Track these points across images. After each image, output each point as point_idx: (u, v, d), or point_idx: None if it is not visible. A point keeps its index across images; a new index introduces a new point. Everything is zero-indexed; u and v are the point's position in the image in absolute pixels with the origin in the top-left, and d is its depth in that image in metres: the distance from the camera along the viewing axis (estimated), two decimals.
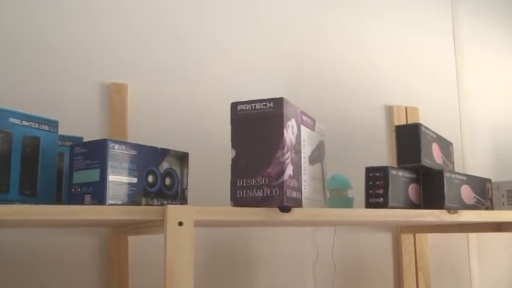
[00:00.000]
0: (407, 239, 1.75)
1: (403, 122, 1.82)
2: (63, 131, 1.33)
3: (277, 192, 0.99)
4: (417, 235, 1.77)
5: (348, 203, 1.37)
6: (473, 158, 1.95)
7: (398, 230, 1.76)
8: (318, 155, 1.19)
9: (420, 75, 1.92)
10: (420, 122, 1.82)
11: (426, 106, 1.90)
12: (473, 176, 1.35)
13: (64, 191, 1.13)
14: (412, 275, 1.74)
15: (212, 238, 1.53)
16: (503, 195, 1.60)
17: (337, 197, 1.38)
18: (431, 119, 1.90)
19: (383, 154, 1.79)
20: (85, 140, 1.15)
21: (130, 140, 1.45)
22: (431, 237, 1.82)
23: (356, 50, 1.82)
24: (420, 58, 1.93)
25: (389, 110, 1.84)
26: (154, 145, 1.10)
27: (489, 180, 1.42)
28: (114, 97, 1.47)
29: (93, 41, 1.47)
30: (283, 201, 0.99)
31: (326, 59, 1.77)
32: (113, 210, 0.92)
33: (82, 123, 1.44)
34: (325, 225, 1.45)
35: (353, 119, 1.78)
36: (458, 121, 1.96)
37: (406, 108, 1.85)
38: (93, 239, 1.42)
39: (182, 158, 1.14)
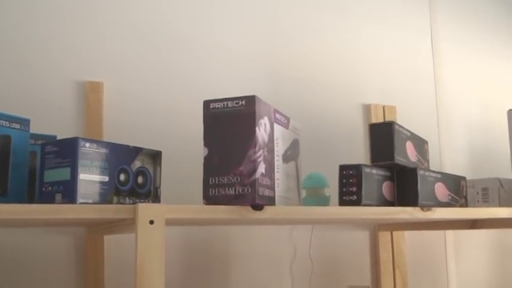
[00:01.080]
0: (384, 236, 1.76)
1: (381, 121, 1.82)
2: (38, 129, 1.32)
3: (249, 190, 0.99)
4: (394, 233, 1.78)
5: (324, 202, 1.37)
6: (450, 156, 1.97)
7: (376, 228, 1.77)
8: (292, 153, 1.19)
9: (398, 74, 1.93)
10: (398, 120, 1.83)
11: (404, 105, 1.91)
12: (448, 174, 1.36)
13: (37, 190, 1.12)
14: (389, 272, 1.75)
15: (189, 237, 1.53)
16: (478, 193, 1.61)
17: (314, 195, 1.38)
18: (408, 118, 1.91)
19: (361, 153, 1.80)
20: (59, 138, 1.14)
21: (106, 138, 1.45)
22: (408, 235, 1.83)
23: (333, 49, 1.83)
24: (398, 57, 1.94)
25: (367, 109, 1.84)
26: (130, 143, 1.10)
27: (464, 178, 1.43)
28: (89, 95, 1.46)
29: (69, 39, 1.47)
30: (255, 199, 0.99)
31: (303, 58, 1.77)
32: (83, 209, 0.91)
33: (57, 121, 1.43)
34: (300, 224, 1.46)
35: (331, 117, 1.78)
36: (436, 120, 1.97)
37: (383, 107, 1.85)
38: (69, 239, 1.41)
39: (155, 157, 1.14)
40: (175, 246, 1.52)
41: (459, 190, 1.39)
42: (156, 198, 1.13)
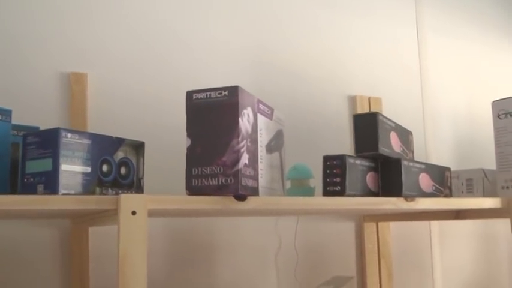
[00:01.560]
0: (369, 227, 1.77)
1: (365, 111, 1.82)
2: (22, 121, 1.31)
3: (232, 180, 0.99)
4: (380, 224, 1.78)
5: (309, 193, 1.37)
6: (435, 147, 1.97)
7: (361, 219, 1.78)
8: (275, 144, 1.19)
9: (383, 65, 1.93)
10: (383, 112, 1.83)
11: (389, 96, 1.92)
12: (432, 165, 1.36)
13: (19, 182, 1.11)
14: (374, 263, 1.76)
15: (173, 229, 1.53)
16: (462, 184, 1.62)
17: (299, 186, 1.38)
18: (394, 109, 1.92)
19: (346, 144, 1.80)
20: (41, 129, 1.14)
21: (90, 129, 1.44)
22: (393, 226, 1.84)
23: (319, 40, 1.83)
24: (383, 49, 1.94)
25: (353, 100, 1.85)
26: (115, 135, 1.09)
27: (448, 169, 1.44)
28: (73, 86, 1.45)
29: (53, 30, 1.46)
30: (238, 189, 0.99)
31: (288, 49, 1.77)
32: (65, 200, 0.91)
33: (41, 113, 1.42)
34: (284, 214, 1.46)
35: (316, 109, 1.78)
36: (421, 111, 1.98)
37: (369, 98, 1.86)
38: (54, 231, 1.41)
39: (138, 148, 1.14)
40: (160, 238, 1.51)
41: (443, 181, 1.40)
42: (139, 189, 1.13)
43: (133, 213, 0.93)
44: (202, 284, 1.55)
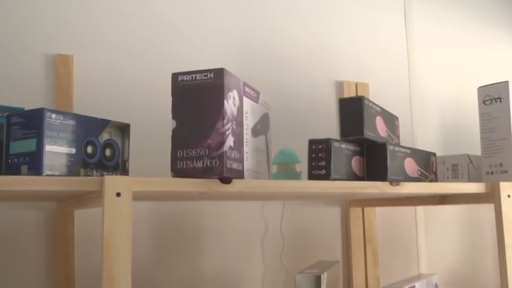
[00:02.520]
0: (355, 212, 1.78)
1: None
2: (7, 102, 1.30)
3: (217, 163, 0.99)
4: (365, 209, 1.79)
5: (295, 177, 1.37)
6: (422, 133, 1.98)
7: (347, 204, 1.78)
8: (261, 128, 1.19)
9: (371, 51, 1.93)
10: (370, 97, 1.84)
11: (376, 82, 1.92)
12: (418, 150, 1.37)
13: (3, 163, 1.11)
14: (360, 248, 1.77)
15: (160, 213, 1.53)
16: (448, 169, 1.63)
17: (285, 170, 1.38)
18: (381, 95, 1.92)
19: (333, 130, 1.80)
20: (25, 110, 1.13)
21: (76, 112, 1.43)
22: (379, 212, 1.85)
23: (307, 25, 1.82)
24: (371, 34, 1.94)
25: (340, 86, 1.85)
26: (100, 117, 1.09)
27: (434, 154, 1.44)
28: (59, 68, 1.44)
29: (39, 12, 1.44)
30: (223, 172, 0.99)
31: (276, 33, 1.77)
32: (49, 181, 0.90)
33: (27, 95, 1.41)
34: (269, 198, 1.46)
35: (303, 94, 1.78)
36: (408, 97, 1.98)
37: (356, 83, 1.86)
38: (39, 213, 1.40)
39: (123, 129, 1.13)
40: (146, 222, 1.51)
41: (429, 166, 1.41)
42: (124, 171, 1.13)
43: (118, 194, 0.93)
44: (189, 268, 1.55)
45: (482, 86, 1.49)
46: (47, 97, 1.43)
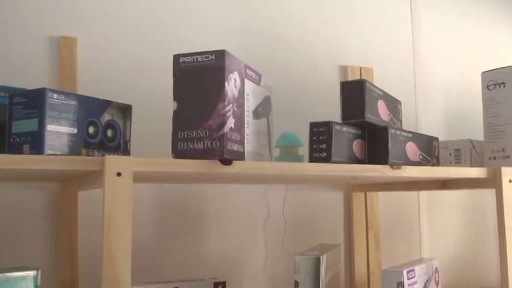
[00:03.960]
0: (358, 197, 1.78)
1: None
2: (10, 84, 1.31)
3: (218, 144, 1.00)
4: (368, 194, 1.79)
5: (297, 161, 1.38)
6: (426, 118, 1.98)
7: (350, 189, 1.79)
8: (263, 110, 1.19)
9: (376, 36, 1.92)
10: (374, 82, 1.83)
11: (381, 67, 1.92)
12: (420, 134, 1.37)
13: (6, 142, 1.12)
14: (362, 232, 1.78)
15: (162, 195, 1.54)
16: (450, 154, 1.63)
17: (288, 154, 1.38)
18: (385, 80, 1.92)
19: (336, 115, 1.80)
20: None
21: (79, 94, 1.44)
22: (382, 197, 1.85)
23: (311, 9, 1.82)
24: (376, 19, 1.93)
25: (344, 70, 1.85)
26: (103, 98, 1.09)
27: (436, 139, 1.44)
28: (63, 51, 1.45)
29: None
30: (223, 153, 0.99)
31: (280, 17, 1.76)
32: (50, 160, 0.91)
33: (30, 76, 1.42)
34: (271, 182, 1.46)
35: (307, 78, 1.78)
36: (413, 82, 1.98)
37: (360, 68, 1.86)
38: (43, 195, 1.42)
39: (125, 110, 1.14)
40: (149, 205, 1.52)
41: (431, 150, 1.41)
42: (125, 152, 1.14)
43: (119, 174, 0.94)
44: (191, 251, 1.56)
45: (486, 71, 1.48)
46: (50, 79, 1.44)
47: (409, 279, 1.23)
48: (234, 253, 1.62)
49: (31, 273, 1.05)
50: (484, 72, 1.48)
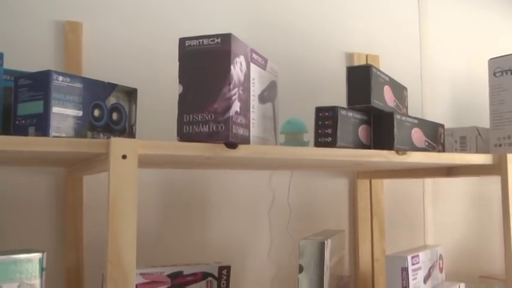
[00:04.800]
0: (363, 184, 1.78)
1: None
2: (15, 68, 1.31)
3: (223, 127, 1.00)
4: (373, 181, 1.79)
5: (303, 146, 1.37)
6: (432, 106, 1.97)
7: (355, 176, 1.79)
8: (269, 95, 1.19)
9: (382, 23, 1.92)
10: (381, 69, 1.83)
11: (387, 54, 1.91)
12: (425, 120, 1.37)
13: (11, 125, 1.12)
14: (367, 220, 1.78)
15: (168, 181, 1.54)
16: (456, 142, 1.62)
17: (293, 140, 1.38)
18: (392, 67, 1.91)
19: (342, 102, 1.80)
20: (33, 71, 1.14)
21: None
22: (387, 184, 1.85)
23: None
24: (383, 7, 1.92)
25: (350, 58, 1.84)
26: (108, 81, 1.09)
27: (442, 125, 1.44)
28: (68, 36, 1.44)
29: None
30: (228, 136, 0.99)
31: (285, 4, 1.76)
32: (55, 142, 0.91)
33: (36, 61, 1.42)
34: (276, 168, 1.46)
35: (313, 65, 1.77)
36: (419, 70, 1.97)
37: (366, 55, 1.85)
38: (50, 179, 1.42)
39: (130, 94, 1.14)
40: (154, 190, 1.53)
41: (436, 137, 1.40)
42: (131, 135, 1.14)
43: (124, 157, 0.94)
44: (196, 237, 1.57)
45: (493, 58, 1.48)
46: (56, 64, 1.44)
47: (413, 264, 1.23)
48: (238, 239, 1.63)
49: (37, 255, 1.05)
50: (491, 59, 1.48)
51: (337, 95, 1.80)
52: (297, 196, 1.71)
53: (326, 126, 1.17)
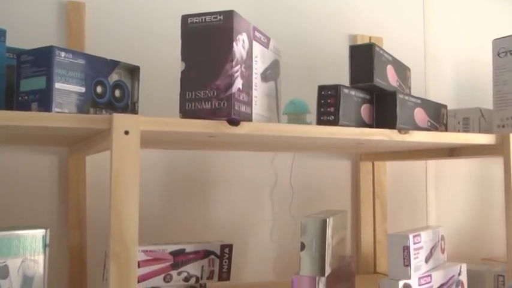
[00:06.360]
0: (365, 166, 1.78)
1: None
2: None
3: (225, 104, 1.00)
4: (376, 163, 1.79)
5: None
6: (435, 88, 1.97)
7: (357, 158, 1.79)
8: (271, 73, 1.19)
9: (386, 5, 1.91)
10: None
11: (391, 36, 1.90)
12: (428, 100, 1.36)
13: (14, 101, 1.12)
14: (369, 201, 1.78)
15: (171, 161, 1.54)
16: (459, 123, 1.62)
17: (296, 121, 1.38)
18: (395, 50, 1.90)
19: (345, 83, 1.80)
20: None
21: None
22: (389, 167, 1.85)
23: None
24: None
25: (354, 39, 1.83)
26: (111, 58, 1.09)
27: (445, 106, 1.44)
28: (71, 15, 1.44)
29: None
30: (231, 113, 0.99)
31: None
32: (58, 118, 0.91)
33: (38, 41, 1.42)
34: (278, 147, 1.46)
35: (316, 47, 1.77)
36: (423, 52, 1.96)
37: (370, 37, 1.84)
38: (54, 159, 1.43)
39: (133, 71, 1.14)
40: (157, 170, 1.53)
41: (439, 117, 1.40)
42: (133, 112, 1.14)
43: (126, 133, 0.94)
44: (198, 217, 1.57)
45: (497, 38, 1.47)
46: (59, 43, 1.44)
47: (415, 244, 1.24)
48: (241, 219, 1.63)
49: (40, 231, 1.06)
50: (495, 39, 1.47)
51: (340, 77, 1.79)
52: (299, 178, 1.72)
53: (328, 104, 1.17)
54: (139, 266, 1.16)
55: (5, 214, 1.37)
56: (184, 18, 1.04)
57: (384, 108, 1.25)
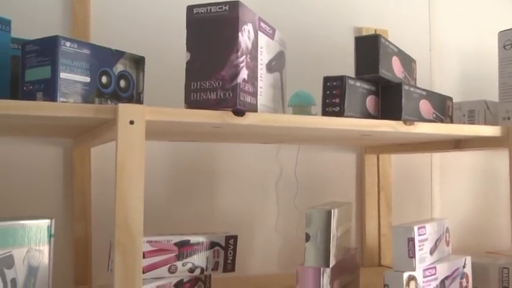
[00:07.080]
0: (370, 159, 1.78)
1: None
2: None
3: (231, 95, 1.00)
4: (381, 156, 1.79)
5: None
6: (440, 81, 1.96)
7: (362, 151, 1.79)
8: (276, 64, 1.19)
9: None
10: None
11: (396, 29, 1.90)
12: (434, 92, 1.36)
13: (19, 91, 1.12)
14: (374, 194, 1.78)
15: (177, 154, 1.54)
16: (464, 115, 1.62)
17: (301, 113, 1.38)
18: (400, 42, 1.89)
19: (351, 75, 1.79)
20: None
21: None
22: (394, 160, 1.85)
23: None
24: None
25: (359, 32, 1.83)
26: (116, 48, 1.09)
27: (450, 98, 1.43)
28: (76, 6, 1.44)
29: None
30: (236, 103, 0.99)
31: None
32: (63, 107, 0.91)
33: (44, 32, 1.41)
34: (283, 138, 1.45)
35: (321, 39, 1.77)
36: (428, 45, 1.96)
37: (375, 30, 1.84)
38: (59, 150, 1.43)
39: (138, 62, 1.14)
40: (162, 162, 1.53)
41: (444, 109, 1.40)
42: (138, 103, 1.14)
43: (131, 122, 0.94)
44: (203, 209, 1.57)
45: (503, 30, 1.46)
46: (64, 34, 1.44)
47: (419, 235, 1.23)
48: (246, 211, 1.63)
49: (45, 221, 1.06)
50: (501, 31, 1.47)
51: (346, 70, 1.79)
52: (304, 170, 1.72)
53: (334, 95, 1.17)
54: (144, 257, 1.16)
55: (11, 205, 1.38)
56: (190, 8, 1.04)
57: (389, 99, 1.24)
